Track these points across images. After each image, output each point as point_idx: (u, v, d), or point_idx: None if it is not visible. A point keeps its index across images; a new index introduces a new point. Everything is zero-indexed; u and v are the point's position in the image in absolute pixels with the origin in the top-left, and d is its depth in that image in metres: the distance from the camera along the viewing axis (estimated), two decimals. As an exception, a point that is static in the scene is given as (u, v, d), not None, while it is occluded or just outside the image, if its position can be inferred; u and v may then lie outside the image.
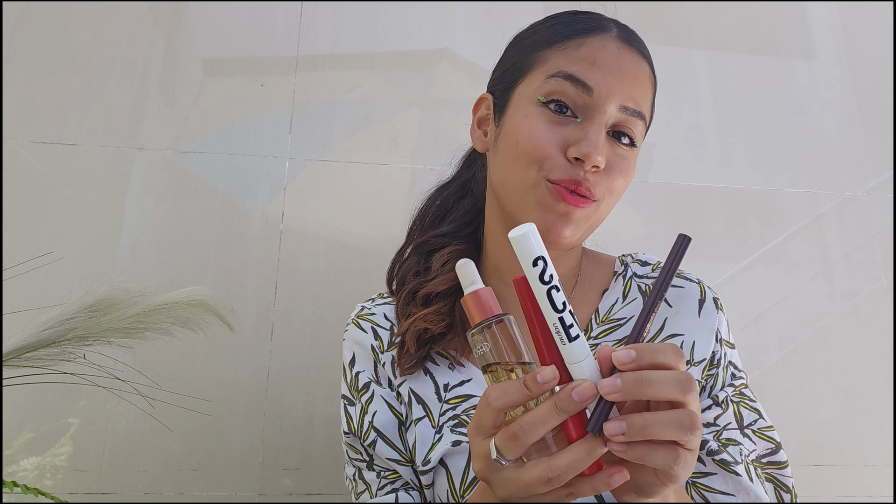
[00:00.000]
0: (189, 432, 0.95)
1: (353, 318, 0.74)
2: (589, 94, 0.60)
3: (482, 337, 0.45)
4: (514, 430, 0.41)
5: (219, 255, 1.03)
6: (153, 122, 1.08)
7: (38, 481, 0.90)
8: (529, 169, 0.61)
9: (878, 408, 1.14)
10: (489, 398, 0.42)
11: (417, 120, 1.16)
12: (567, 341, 0.42)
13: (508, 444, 0.41)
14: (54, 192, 1.02)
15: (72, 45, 1.10)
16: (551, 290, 0.42)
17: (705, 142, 1.24)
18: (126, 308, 0.62)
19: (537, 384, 0.41)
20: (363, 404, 0.68)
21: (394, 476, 0.66)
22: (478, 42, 1.21)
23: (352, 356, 0.72)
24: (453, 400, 0.65)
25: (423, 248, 0.74)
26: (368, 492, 0.67)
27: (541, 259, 0.43)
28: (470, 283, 0.47)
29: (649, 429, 0.39)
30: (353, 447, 0.69)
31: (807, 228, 1.22)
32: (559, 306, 0.43)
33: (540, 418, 0.41)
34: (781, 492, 0.63)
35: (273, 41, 1.15)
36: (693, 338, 0.66)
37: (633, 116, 0.62)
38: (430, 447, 0.63)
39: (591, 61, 0.61)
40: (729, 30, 1.32)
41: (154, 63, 1.11)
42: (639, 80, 0.63)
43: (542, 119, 0.61)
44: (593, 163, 0.58)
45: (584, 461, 0.40)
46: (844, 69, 1.34)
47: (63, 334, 0.59)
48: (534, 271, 0.42)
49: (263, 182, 1.08)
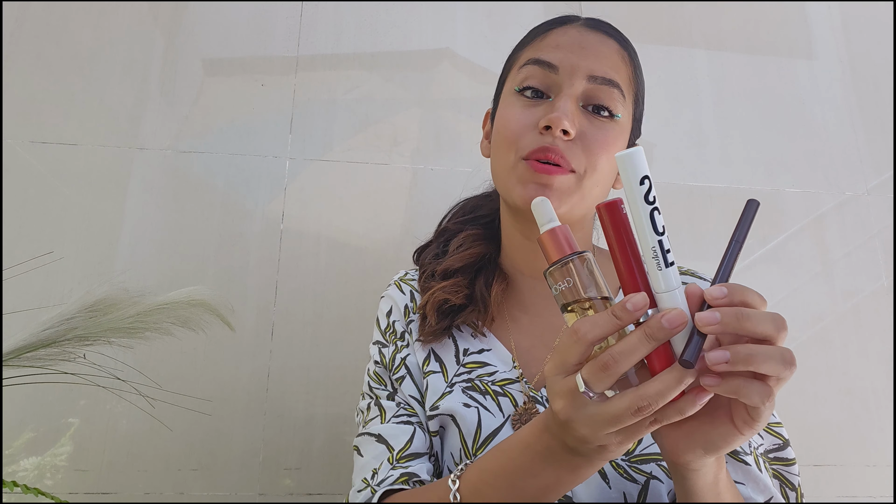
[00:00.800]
0: (189, 432, 0.95)
1: (396, 280, 0.79)
2: (555, 72, 0.64)
3: (561, 274, 0.44)
4: (605, 360, 0.40)
5: (219, 255, 1.03)
6: (153, 122, 1.08)
7: (38, 481, 0.90)
8: (509, 152, 0.65)
9: (879, 408, 1.14)
10: (579, 332, 0.42)
11: (418, 120, 1.16)
12: (664, 266, 0.41)
13: (599, 374, 0.41)
14: (54, 192, 1.02)
15: (72, 45, 1.09)
16: (654, 211, 0.41)
17: (705, 142, 1.24)
18: (126, 308, 0.62)
19: (627, 312, 0.40)
20: (397, 347, 0.72)
21: (412, 411, 0.67)
22: (478, 42, 1.21)
23: (389, 308, 0.76)
24: (470, 364, 0.68)
25: (443, 236, 0.79)
26: (381, 417, 0.67)
27: (647, 178, 0.41)
28: (547, 221, 0.46)
29: (753, 358, 0.39)
30: (380, 378, 0.71)
31: (807, 228, 1.22)
32: (660, 229, 0.42)
33: (630, 347, 0.40)
34: (787, 489, 0.63)
35: (273, 41, 1.15)
36: None
37: (605, 85, 0.64)
38: (440, 396, 0.65)
39: (555, 45, 0.66)
40: (729, 30, 1.32)
41: (154, 63, 1.11)
42: (603, 54, 0.66)
43: (518, 105, 0.66)
44: (560, 127, 0.61)
45: (673, 388, 0.40)
46: (844, 69, 1.34)
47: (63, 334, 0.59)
48: (640, 189, 0.41)
49: (263, 182, 1.08)
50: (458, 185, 1.09)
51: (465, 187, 0.87)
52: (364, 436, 0.67)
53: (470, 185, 0.86)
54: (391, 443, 0.64)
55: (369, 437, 0.66)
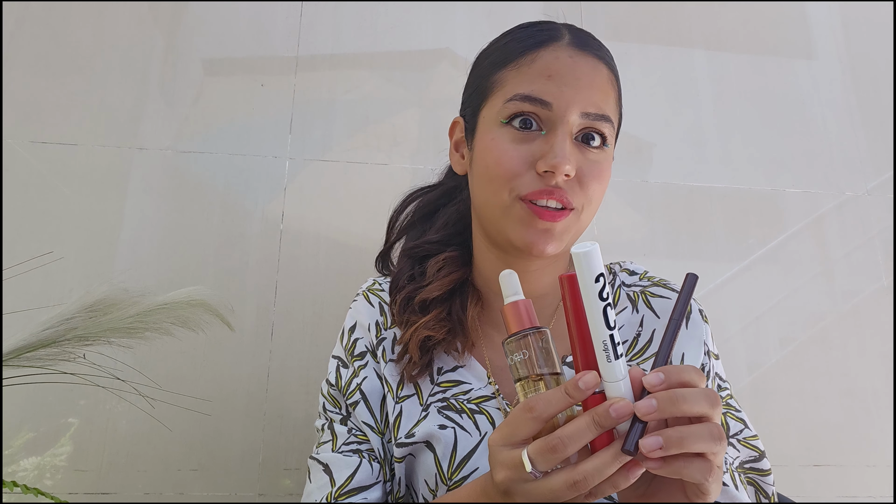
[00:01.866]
0: (189, 432, 0.95)
1: (364, 291, 0.76)
2: (548, 108, 0.61)
3: (517, 346, 0.48)
4: (554, 443, 0.43)
5: (219, 255, 1.03)
6: (153, 122, 1.08)
7: (38, 481, 0.90)
8: (502, 190, 0.62)
9: (879, 408, 1.14)
10: (535, 410, 0.44)
11: (417, 120, 1.16)
12: (613, 359, 0.44)
13: (546, 455, 0.43)
14: (54, 192, 1.02)
15: (72, 45, 1.09)
16: (606, 308, 0.44)
17: (706, 142, 1.24)
18: (126, 308, 0.62)
19: (579, 390, 0.43)
20: (355, 369, 0.70)
21: (363, 438, 0.67)
22: (478, 42, 1.21)
23: (353, 323, 0.73)
24: (445, 383, 0.67)
25: (416, 253, 0.74)
26: (333, 443, 0.67)
27: (602, 276, 0.44)
28: (512, 294, 0.49)
29: (685, 440, 0.41)
30: (335, 400, 0.70)
31: (807, 228, 1.22)
32: (611, 324, 0.44)
33: (578, 432, 0.43)
34: (761, 496, 0.65)
35: (273, 41, 1.15)
36: (682, 350, 0.67)
37: (597, 121, 0.62)
38: (416, 422, 0.65)
39: (547, 75, 0.62)
40: (729, 30, 1.32)
41: (154, 63, 1.11)
42: (596, 85, 0.63)
43: (507, 139, 0.62)
44: (563, 172, 0.59)
45: (610, 466, 0.43)
46: (844, 69, 1.34)
47: (63, 334, 0.59)
48: (594, 287, 0.44)
49: (263, 182, 1.08)
50: (457, 185, 1.09)
51: None
52: (314, 461, 0.67)
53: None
54: (335, 476, 0.65)
55: (318, 466, 0.67)
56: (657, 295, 0.71)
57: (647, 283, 0.72)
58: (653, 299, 0.70)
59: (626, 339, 0.69)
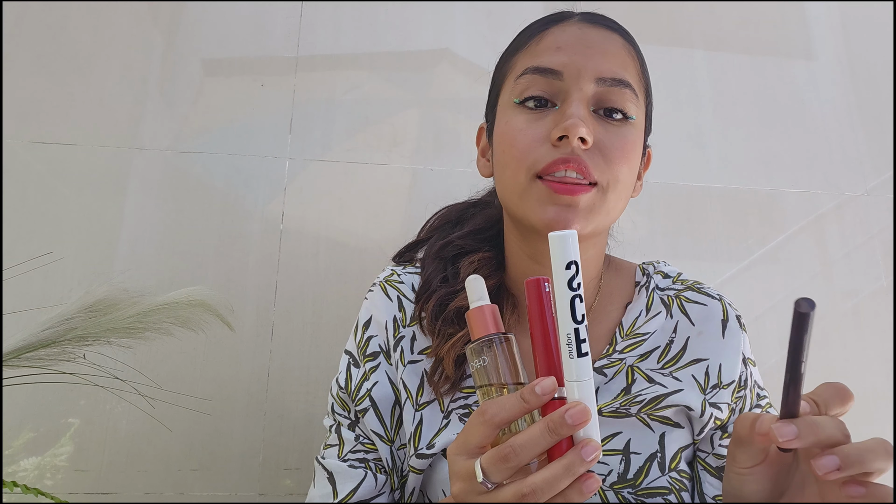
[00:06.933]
0: (189, 432, 0.95)
1: (381, 281, 0.71)
2: (559, 78, 0.58)
3: (480, 352, 0.45)
4: (506, 452, 0.40)
5: (219, 255, 1.03)
6: (153, 122, 1.08)
7: (38, 481, 0.90)
8: (519, 171, 0.58)
9: (879, 408, 1.14)
10: (486, 415, 0.41)
11: (417, 120, 1.16)
12: (576, 355, 0.41)
13: (498, 465, 0.40)
14: (54, 192, 1.02)
15: (72, 45, 1.09)
16: (575, 298, 0.41)
17: (705, 142, 1.24)
18: (126, 308, 0.62)
19: (536, 395, 0.40)
20: (366, 371, 0.66)
21: (370, 447, 0.64)
22: (478, 42, 1.21)
23: (369, 318, 0.68)
24: (467, 389, 0.63)
25: (447, 253, 0.70)
26: (340, 449, 0.65)
27: (574, 264, 0.41)
28: (477, 299, 0.46)
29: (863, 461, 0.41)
30: (344, 403, 0.67)
31: (807, 228, 1.22)
32: (579, 317, 0.41)
33: (531, 440, 0.40)
34: None
35: (273, 41, 1.15)
36: (719, 361, 0.65)
37: (616, 86, 0.58)
38: (437, 432, 0.61)
39: (555, 48, 0.59)
40: (729, 30, 1.32)
41: (154, 63, 1.11)
42: (609, 52, 0.60)
43: (521, 118, 0.59)
44: (577, 135, 0.55)
45: (563, 478, 0.39)
46: (844, 69, 1.34)
47: (63, 334, 0.59)
48: (565, 274, 0.41)
49: (263, 182, 1.08)
50: (457, 185, 1.09)
51: (471, 188, 0.85)
52: (320, 465, 0.66)
53: (469, 184, 0.86)
54: (338, 487, 0.62)
55: (323, 472, 0.65)
56: (693, 301, 0.68)
57: (680, 287, 0.70)
58: (688, 305, 0.68)
59: (657, 346, 0.65)
